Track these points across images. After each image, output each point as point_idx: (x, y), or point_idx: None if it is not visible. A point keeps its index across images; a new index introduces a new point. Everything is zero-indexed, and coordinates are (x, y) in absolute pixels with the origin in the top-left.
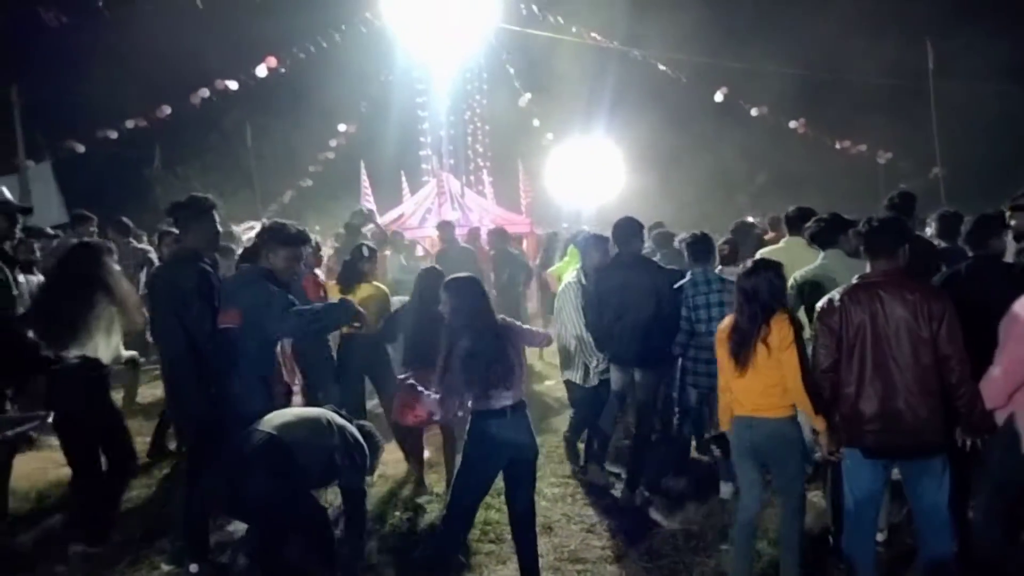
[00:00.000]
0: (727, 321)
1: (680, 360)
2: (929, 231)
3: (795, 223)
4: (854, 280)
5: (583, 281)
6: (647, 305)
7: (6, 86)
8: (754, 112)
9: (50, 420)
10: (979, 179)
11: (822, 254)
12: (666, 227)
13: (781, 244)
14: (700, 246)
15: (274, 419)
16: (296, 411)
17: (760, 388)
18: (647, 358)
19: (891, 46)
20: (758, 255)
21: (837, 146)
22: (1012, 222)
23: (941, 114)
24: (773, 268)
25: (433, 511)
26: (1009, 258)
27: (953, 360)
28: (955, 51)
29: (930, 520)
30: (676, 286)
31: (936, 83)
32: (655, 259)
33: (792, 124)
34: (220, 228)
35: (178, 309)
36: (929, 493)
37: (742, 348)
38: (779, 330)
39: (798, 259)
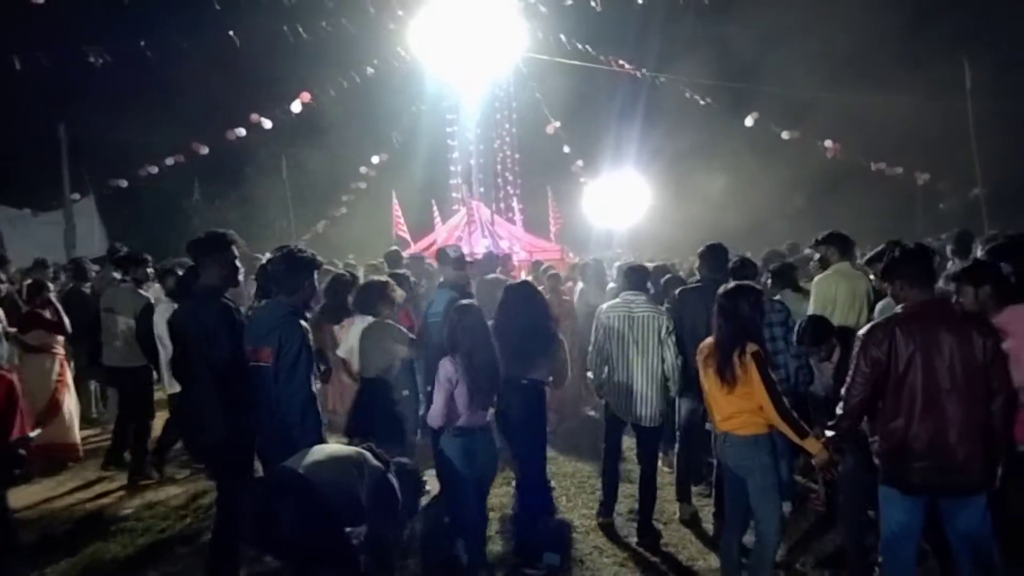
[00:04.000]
0: (708, 340)
1: None
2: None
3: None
4: (897, 310)
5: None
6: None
7: (54, 124)
8: (785, 135)
9: None
10: (1020, 198)
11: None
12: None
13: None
14: (747, 271)
15: (306, 457)
16: (330, 449)
17: (736, 407)
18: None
19: (927, 65)
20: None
21: (872, 168)
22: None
23: (980, 133)
24: (754, 293)
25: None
26: None
27: (1003, 394)
28: (993, 69)
29: (971, 553)
30: None
31: (974, 102)
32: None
33: (827, 145)
34: (239, 264)
35: (202, 347)
36: (972, 526)
37: (727, 365)
38: (747, 360)
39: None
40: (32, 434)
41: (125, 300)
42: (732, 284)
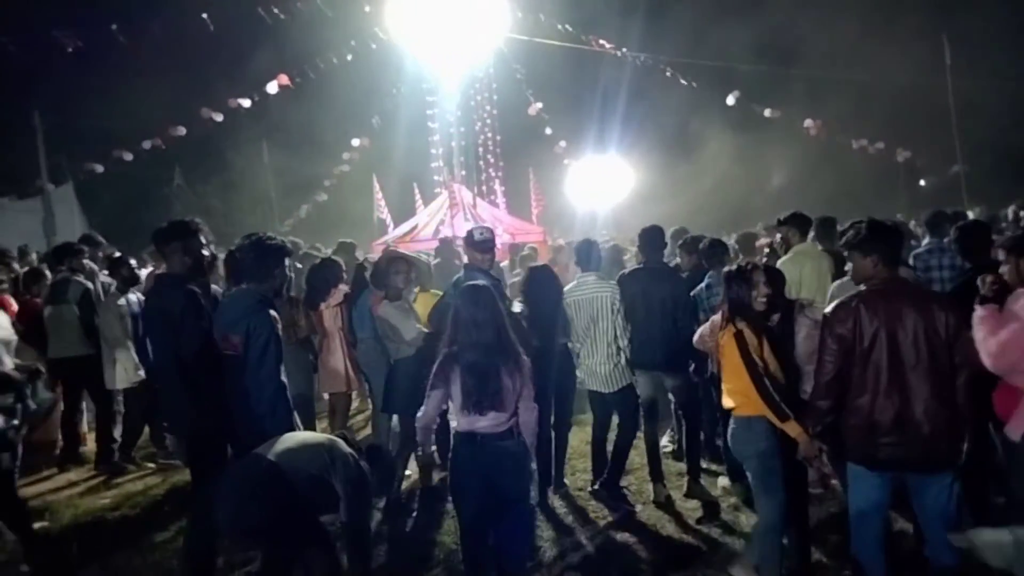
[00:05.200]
0: (715, 317)
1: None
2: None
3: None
4: (861, 287)
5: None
6: (666, 312)
7: (28, 111)
8: (767, 113)
9: None
10: (999, 175)
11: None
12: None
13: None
14: (716, 250)
15: (277, 445)
16: (302, 437)
17: (731, 384)
18: (672, 362)
19: (908, 42)
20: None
21: (854, 145)
22: None
23: (960, 110)
24: (741, 280)
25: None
26: None
27: (966, 369)
28: (973, 46)
29: (938, 531)
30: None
31: (954, 79)
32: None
33: (807, 124)
34: (206, 252)
35: (166, 333)
36: (939, 504)
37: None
38: (729, 339)
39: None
40: None
41: (68, 290)
42: (735, 266)
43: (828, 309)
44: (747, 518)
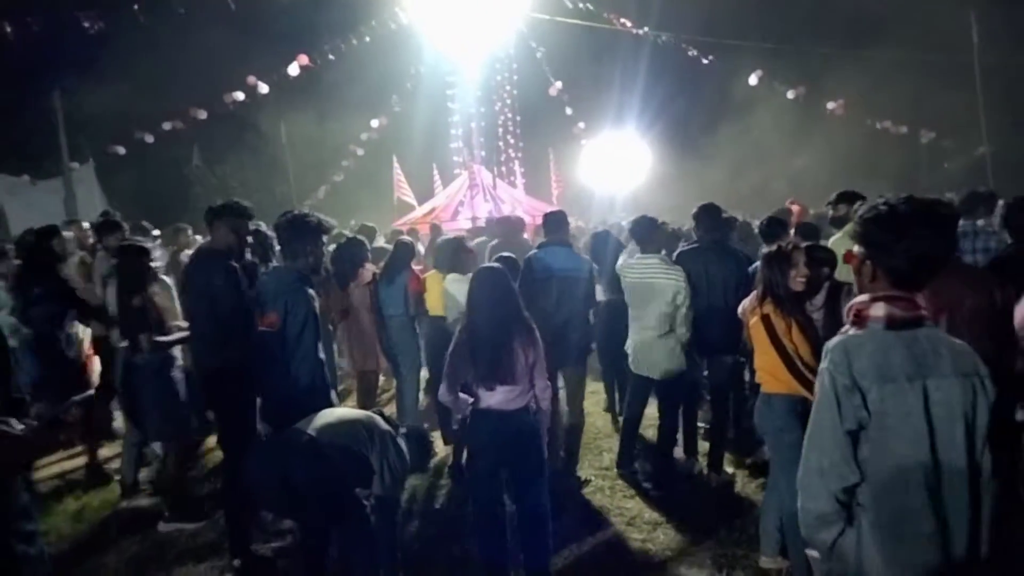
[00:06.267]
0: (752, 296)
1: None
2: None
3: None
4: None
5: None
6: (726, 291)
7: (49, 92)
8: (790, 94)
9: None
10: None
11: None
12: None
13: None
14: (773, 228)
15: (317, 420)
16: (341, 413)
17: (760, 362)
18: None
19: (934, 20)
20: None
21: (878, 126)
22: None
23: (986, 90)
24: (777, 262)
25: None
26: None
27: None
28: (1000, 24)
29: None
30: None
31: (981, 58)
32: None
33: (830, 105)
34: (249, 237)
35: (203, 299)
36: None
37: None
38: (756, 322)
39: None
40: None
41: None
42: (775, 247)
43: None
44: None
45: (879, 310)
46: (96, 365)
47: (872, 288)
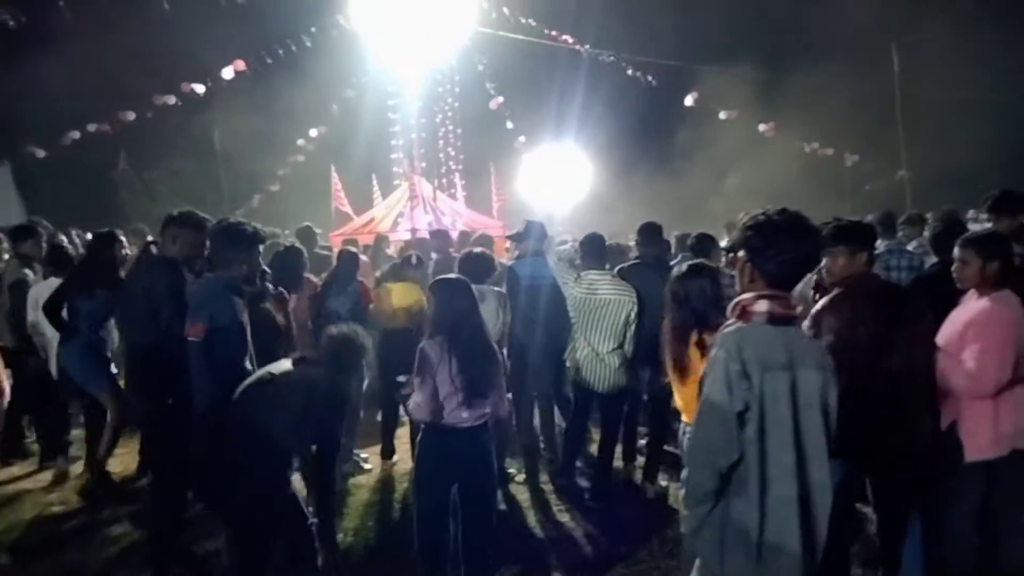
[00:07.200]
0: (667, 324)
1: None
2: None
3: None
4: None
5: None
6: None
7: None
8: (723, 115)
9: None
10: (943, 182)
11: None
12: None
13: None
14: (704, 245)
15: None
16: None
17: (689, 397)
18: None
19: (858, 50)
20: None
21: (806, 149)
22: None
23: (906, 118)
24: (708, 274)
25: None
26: None
27: None
28: (920, 56)
29: None
30: None
31: (901, 87)
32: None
33: (761, 127)
34: (204, 250)
35: (146, 309)
36: None
37: (680, 353)
38: (692, 350)
39: None
40: None
41: None
42: (685, 266)
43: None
44: None
45: (762, 306)
46: (5, 380)
47: (752, 288)
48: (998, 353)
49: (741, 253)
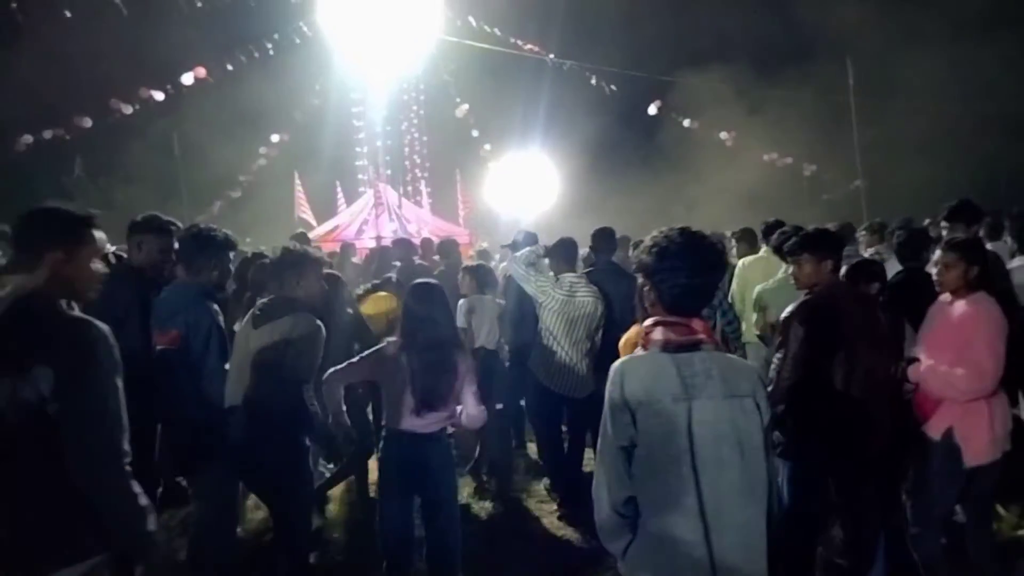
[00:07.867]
0: (633, 330)
1: None
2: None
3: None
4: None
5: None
6: (622, 312)
7: None
8: (686, 124)
9: None
10: (897, 191)
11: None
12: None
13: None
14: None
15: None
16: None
17: None
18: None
19: (816, 63)
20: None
21: (765, 158)
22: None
23: (862, 128)
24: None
25: None
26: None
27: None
28: (874, 70)
29: None
30: None
31: (857, 99)
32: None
33: (723, 136)
34: (172, 255)
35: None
36: None
37: None
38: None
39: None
40: None
41: None
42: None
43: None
44: None
45: (658, 334)
46: None
47: (654, 312)
48: (996, 348)
49: (642, 278)
